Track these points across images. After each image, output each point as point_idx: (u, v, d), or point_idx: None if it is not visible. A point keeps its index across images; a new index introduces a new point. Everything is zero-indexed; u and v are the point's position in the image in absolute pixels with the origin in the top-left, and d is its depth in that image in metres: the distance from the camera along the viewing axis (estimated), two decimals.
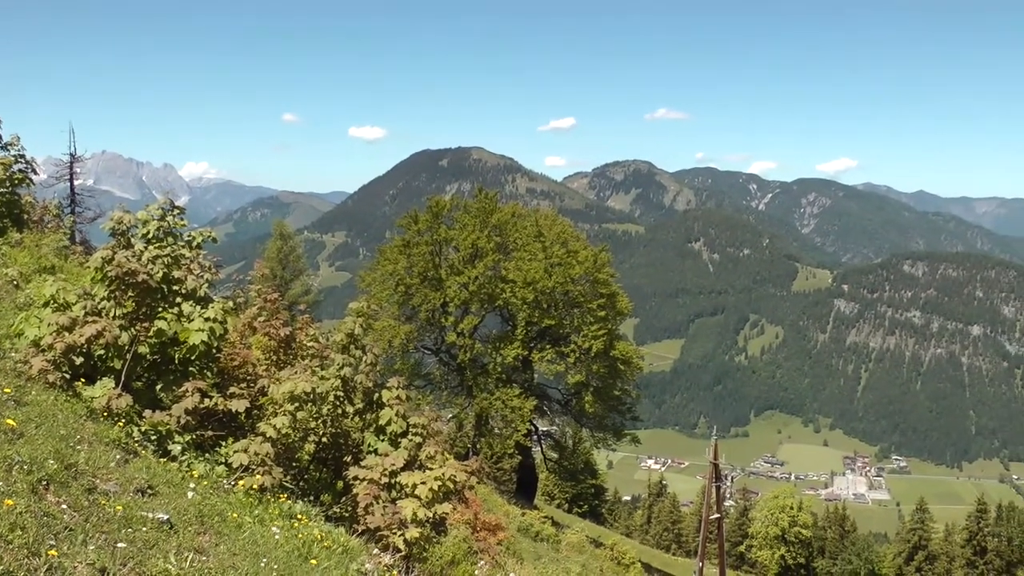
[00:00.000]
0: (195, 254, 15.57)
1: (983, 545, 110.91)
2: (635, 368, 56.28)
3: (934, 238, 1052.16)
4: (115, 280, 13.77)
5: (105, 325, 13.13)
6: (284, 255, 74.64)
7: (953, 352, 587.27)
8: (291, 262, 75.32)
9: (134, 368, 14.11)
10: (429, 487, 13.69)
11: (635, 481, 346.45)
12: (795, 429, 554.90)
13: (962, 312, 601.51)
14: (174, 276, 14.48)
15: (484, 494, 36.41)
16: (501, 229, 52.62)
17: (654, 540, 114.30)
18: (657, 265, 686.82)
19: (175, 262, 14.71)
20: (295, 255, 76.53)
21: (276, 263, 73.34)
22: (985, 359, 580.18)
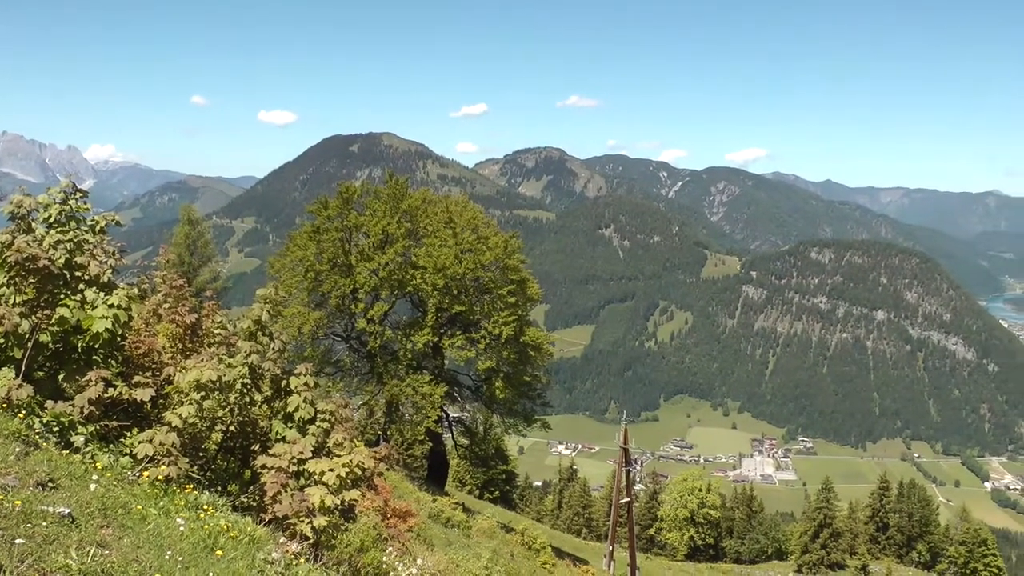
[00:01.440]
0: (99, 239, 15.25)
1: (885, 521, 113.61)
2: (545, 354, 56.43)
3: (840, 226, 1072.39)
4: (15, 266, 13.45)
5: (4, 313, 12.84)
6: (192, 241, 73.62)
7: (858, 336, 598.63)
8: (199, 248, 74.29)
9: (35, 357, 13.80)
10: (337, 474, 13.59)
11: (546, 466, 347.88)
12: (704, 413, 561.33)
13: (867, 298, 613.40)
14: (77, 262, 14.18)
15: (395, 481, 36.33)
16: (411, 215, 52.40)
17: (565, 525, 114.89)
18: (568, 252, 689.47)
19: (78, 247, 14.40)
20: (203, 241, 75.47)
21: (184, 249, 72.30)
22: (889, 343, 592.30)
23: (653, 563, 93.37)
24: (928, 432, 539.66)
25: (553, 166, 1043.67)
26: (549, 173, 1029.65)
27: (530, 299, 55.33)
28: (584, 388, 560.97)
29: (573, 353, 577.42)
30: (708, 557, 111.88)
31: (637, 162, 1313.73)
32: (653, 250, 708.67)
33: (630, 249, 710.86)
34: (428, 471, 63.91)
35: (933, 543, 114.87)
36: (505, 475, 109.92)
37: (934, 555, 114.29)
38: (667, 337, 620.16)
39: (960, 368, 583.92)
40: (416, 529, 24.15)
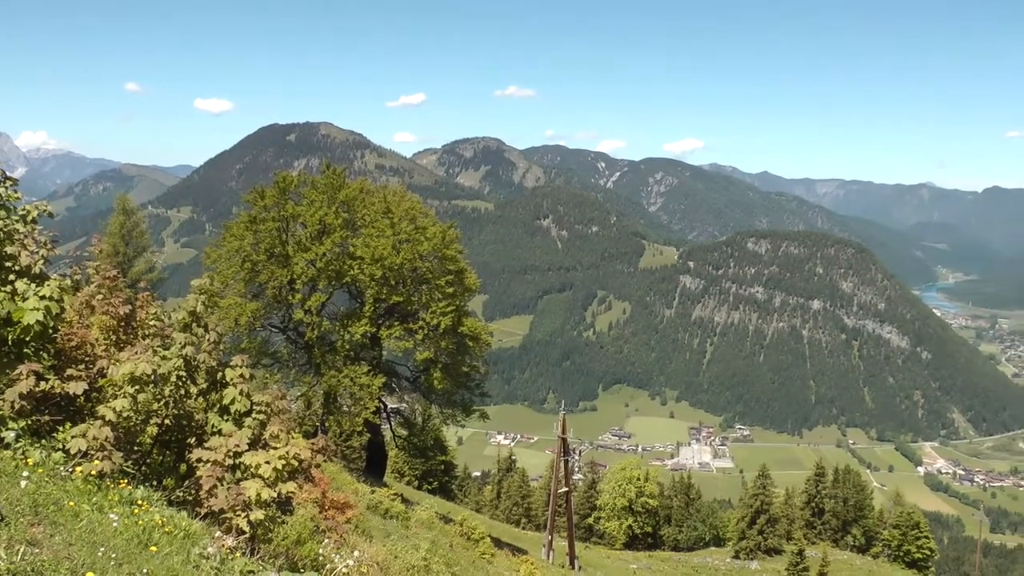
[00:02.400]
0: (30, 229, 14.99)
1: (821, 507, 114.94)
2: (483, 344, 56.35)
3: (777, 217, 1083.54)
4: None
5: None
6: (127, 231, 72.73)
7: (794, 326, 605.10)
8: (134, 238, 73.41)
9: None
10: (273, 466, 13.47)
11: (485, 457, 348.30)
12: (642, 402, 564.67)
13: (803, 288, 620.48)
14: (7, 252, 13.92)
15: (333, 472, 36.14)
16: (349, 205, 52.08)
17: (504, 515, 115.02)
18: (506, 242, 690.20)
19: (8, 237, 14.15)
20: (138, 231, 74.58)
21: (118, 239, 71.41)
22: (824, 332, 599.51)
23: (592, 552, 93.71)
24: (863, 419, 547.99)
25: (491, 156, 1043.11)
26: (487, 163, 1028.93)
27: (468, 289, 55.24)
28: (523, 378, 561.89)
29: (511, 343, 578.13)
30: (647, 545, 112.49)
31: (575, 152, 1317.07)
32: (591, 240, 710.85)
33: (568, 239, 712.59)
34: (367, 462, 63.68)
35: (868, 527, 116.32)
36: (444, 466, 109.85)
37: (869, 539, 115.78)
38: (605, 327, 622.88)
39: (894, 356, 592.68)
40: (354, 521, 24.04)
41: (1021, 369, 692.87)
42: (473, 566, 35.09)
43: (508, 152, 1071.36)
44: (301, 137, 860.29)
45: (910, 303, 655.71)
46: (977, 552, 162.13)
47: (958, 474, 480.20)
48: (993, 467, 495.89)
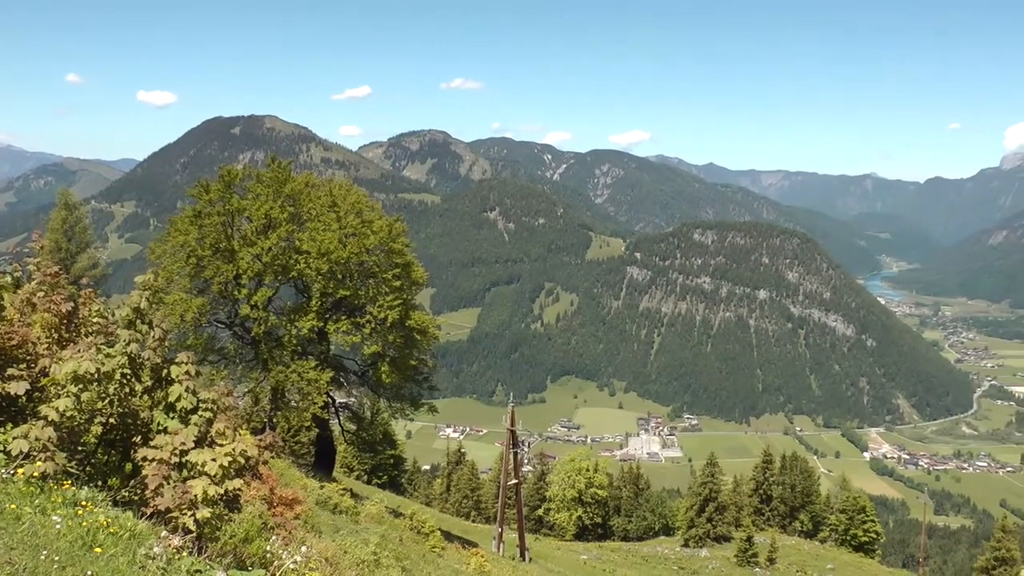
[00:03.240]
0: None
1: (769, 493, 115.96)
2: (431, 337, 56.18)
3: (723, 208, 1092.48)
4: None
5: None
6: (69, 226, 71.93)
7: (741, 315, 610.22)
8: (77, 234, 72.61)
9: None
10: (220, 464, 13.32)
11: (434, 450, 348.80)
12: (591, 393, 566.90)
13: (749, 277, 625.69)
14: None
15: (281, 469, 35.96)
16: (295, 199, 51.72)
17: (454, 508, 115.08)
18: (453, 235, 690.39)
19: None
20: (81, 226, 73.76)
21: (60, 235, 70.62)
22: (771, 321, 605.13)
23: (542, 543, 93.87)
24: (810, 406, 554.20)
25: (438, 149, 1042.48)
26: (434, 156, 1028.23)
27: (415, 283, 55.04)
28: (471, 371, 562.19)
29: (459, 336, 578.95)
30: (597, 536, 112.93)
31: (522, 145, 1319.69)
32: (538, 232, 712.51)
33: (515, 232, 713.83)
34: (315, 458, 63.40)
35: (815, 512, 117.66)
36: (393, 460, 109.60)
37: (816, 523, 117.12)
38: (553, 319, 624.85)
39: (840, 344, 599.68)
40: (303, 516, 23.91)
41: (964, 355, 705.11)
42: (423, 559, 35.01)
43: (454, 145, 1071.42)
44: (246, 130, 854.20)
45: (855, 292, 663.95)
46: (922, 534, 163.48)
47: (903, 458, 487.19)
48: (937, 451, 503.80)
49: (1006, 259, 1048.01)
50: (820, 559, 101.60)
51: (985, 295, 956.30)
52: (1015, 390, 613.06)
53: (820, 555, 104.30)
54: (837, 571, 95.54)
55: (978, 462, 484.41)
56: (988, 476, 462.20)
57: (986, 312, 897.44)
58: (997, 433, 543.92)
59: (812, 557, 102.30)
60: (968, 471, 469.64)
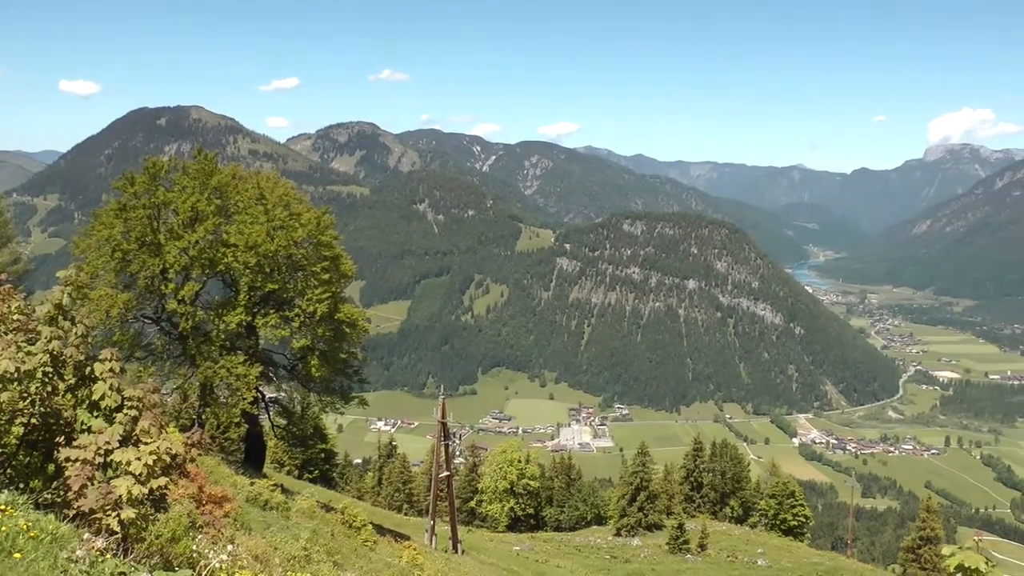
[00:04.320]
0: None
1: (700, 481, 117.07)
2: (361, 330, 55.82)
3: (652, 199, 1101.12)
4: None
5: None
6: None
7: (671, 305, 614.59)
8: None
9: None
10: (145, 462, 13.05)
11: (366, 444, 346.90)
12: (522, 385, 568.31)
13: (678, 268, 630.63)
14: None
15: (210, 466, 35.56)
16: (222, 192, 51.03)
17: (386, 501, 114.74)
18: (382, 227, 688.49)
19: None
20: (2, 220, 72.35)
21: None
22: (700, 310, 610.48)
23: (475, 535, 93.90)
24: (739, 394, 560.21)
25: (366, 141, 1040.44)
26: (362, 148, 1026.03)
27: (344, 275, 54.63)
28: (402, 364, 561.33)
29: (390, 329, 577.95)
30: (529, 527, 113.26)
31: (451, 136, 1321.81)
32: (468, 224, 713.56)
33: (445, 223, 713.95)
34: (245, 454, 62.77)
35: (745, 498, 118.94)
36: (324, 454, 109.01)
37: (746, 509, 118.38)
38: (483, 310, 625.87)
39: (768, 332, 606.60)
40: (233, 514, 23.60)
41: (890, 341, 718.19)
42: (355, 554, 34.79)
43: (383, 137, 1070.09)
44: (172, 121, 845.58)
45: (783, 281, 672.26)
46: (850, 516, 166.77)
47: (831, 443, 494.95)
48: (864, 435, 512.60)
49: (930, 248, 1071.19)
50: (750, 544, 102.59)
51: (910, 283, 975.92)
52: (939, 375, 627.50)
53: (750, 540, 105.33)
54: (767, 555, 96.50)
55: (904, 445, 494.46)
56: (913, 459, 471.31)
57: (911, 299, 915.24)
58: (922, 417, 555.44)
59: (743, 542, 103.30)
60: (894, 454, 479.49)
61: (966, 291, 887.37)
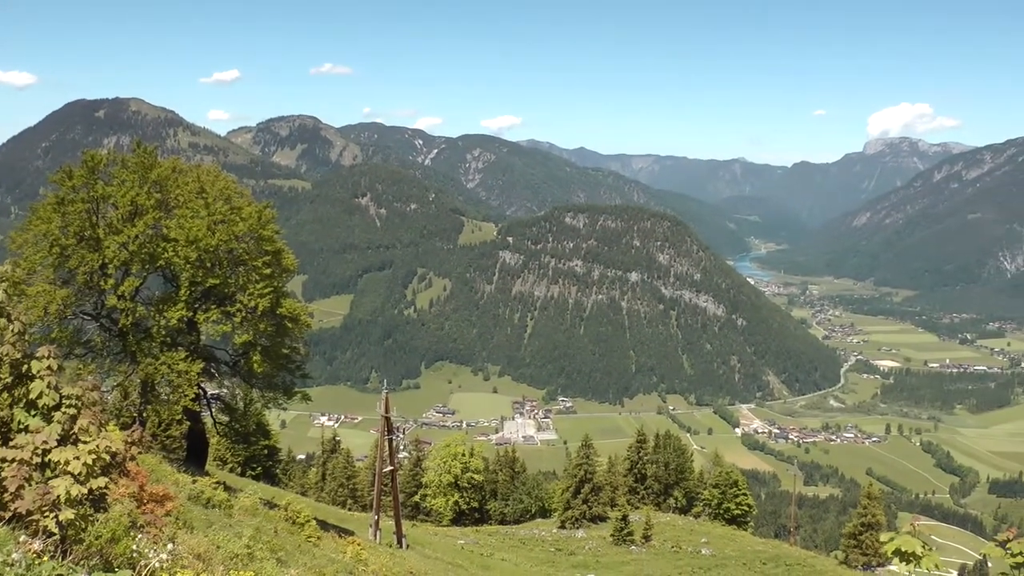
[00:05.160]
0: None
1: (643, 472, 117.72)
2: (303, 325, 55.40)
3: (594, 192, 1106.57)
4: None
5: None
6: None
7: (613, 297, 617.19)
8: None
9: None
10: (84, 462, 12.82)
11: (309, 439, 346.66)
12: (465, 378, 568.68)
13: (621, 260, 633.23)
14: None
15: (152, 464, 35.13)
16: (162, 185, 50.38)
17: (329, 497, 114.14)
18: (324, 221, 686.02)
19: None
20: None
21: None
22: (643, 303, 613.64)
23: (419, 530, 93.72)
24: (682, 385, 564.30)
25: (308, 134, 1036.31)
26: (304, 142, 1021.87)
27: (286, 270, 54.21)
28: (345, 358, 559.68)
29: (332, 323, 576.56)
30: (474, 520, 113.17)
31: (392, 130, 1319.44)
32: (410, 218, 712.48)
33: (387, 217, 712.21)
34: (187, 452, 62.14)
35: (689, 488, 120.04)
36: (267, 450, 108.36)
37: (690, 499, 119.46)
38: (426, 304, 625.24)
39: (711, 324, 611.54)
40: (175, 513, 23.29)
41: (831, 332, 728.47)
42: (299, 550, 34.56)
43: (325, 130, 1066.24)
44: (111, 114, 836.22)
45: (725, 273, 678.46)
46: (792, 504, 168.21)
47: (773, 433, 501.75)
48: (806, 424, 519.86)
49: (870, 239, 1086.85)
50: (694, 534, 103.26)
51: (851, 274, 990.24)
52: (880, 364, 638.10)
53: (694, 530, 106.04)
54: (711, 544, 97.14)
55: (845, 434, 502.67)
56: (855, 447, 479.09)
57: (852, 290, 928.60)
58: (863, 405, 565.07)
59: (687, 532, 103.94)
60: (836, 443, 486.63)
61: (905, 282, 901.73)
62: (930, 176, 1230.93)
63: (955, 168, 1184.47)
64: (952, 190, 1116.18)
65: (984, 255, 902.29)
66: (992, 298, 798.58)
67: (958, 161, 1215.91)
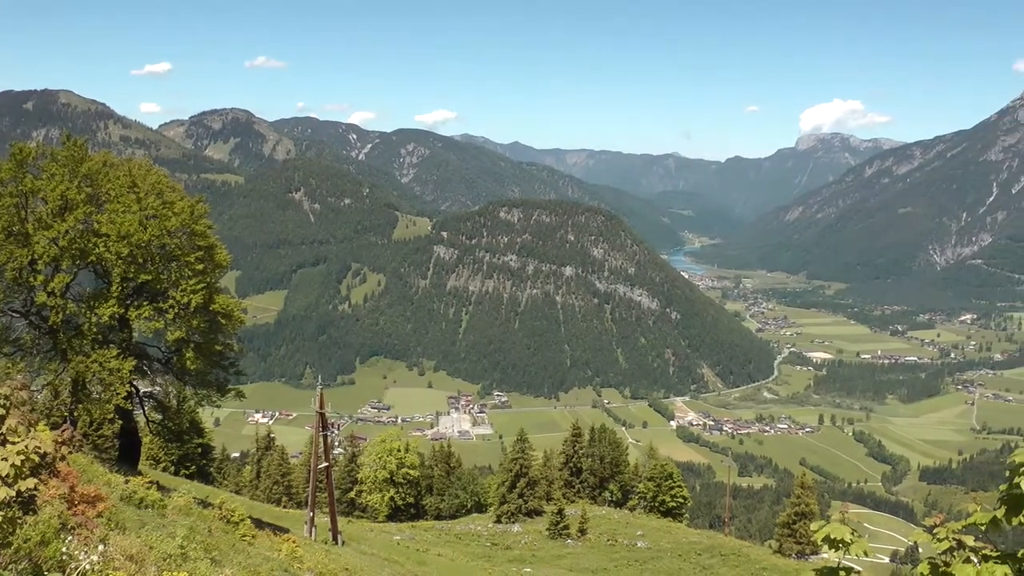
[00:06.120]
0: None
1: (579, 466, 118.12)
2: (237, 321, 54.86)
3: (529, 187, 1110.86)
4: None
5: None
6: None
7: (548, 292, 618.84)
8: None
9: None
10: (12, 463, 12.52)
11: (243, 436, 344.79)
12: (400, 374, 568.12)
13: (555, 255, 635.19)
14: None
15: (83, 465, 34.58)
16: (92, 179, 49.59)
17: (264, 495, 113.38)
18: (258, 216, 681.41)
19: None
20: None
21: None
22: (577, 297, 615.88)
23: (355, 526, 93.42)
24: (617, 379, 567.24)
25: (241, 128, 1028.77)
26: (237, 135, 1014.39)
27: (219, 265, 53.60)
28: (279, 354, 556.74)
29: (266, 319, 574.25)
30: (410, 516, 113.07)
31: (326, 124, 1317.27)
32: (344, 213, 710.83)
33: (321, 212, 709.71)
34: (120, 451, 61.30)
35: (624, 482, 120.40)
36: (201, 449, 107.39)
37: (625, 493, 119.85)
38: (361, 299, 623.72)
39: (645, 317, 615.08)
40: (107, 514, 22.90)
41: (764, 324, 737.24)
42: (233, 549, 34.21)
43: (258, 124, 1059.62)
44: (39, 106, 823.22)
45: (659, 267, 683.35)
46: (727, 495, 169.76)
47: (708, 425, 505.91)
48: (740, 416, 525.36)
49: (802, 234, 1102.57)
50: (630, 527, 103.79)
51: (783, 267, 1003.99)
52: (813, 356, 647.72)
53: (630, 523, 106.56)
54: (646, 537, 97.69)
55: (779, 425, 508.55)
56: (788, 437, 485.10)
57: (784, 283, 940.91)
58: (796, 396, 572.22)
59: (622, 525, 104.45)
60: (770, 434, 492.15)
61: (837, 275, 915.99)
62: (861, 171, 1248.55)
63: (886, 163, 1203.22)
64: (883, 185, 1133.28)
65: (914, 248, 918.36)
66: (922, 290, 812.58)
67: (889, 156, 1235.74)
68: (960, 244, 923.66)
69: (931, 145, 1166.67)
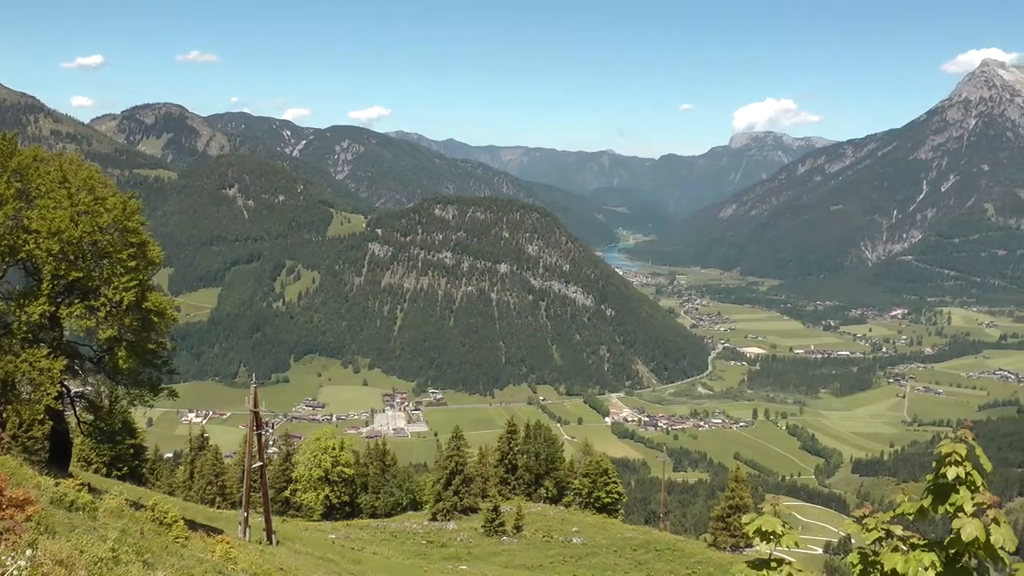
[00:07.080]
0: None
1: (514, 463, 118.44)
2: (169, 319, 54.06)
3: (463, 184, 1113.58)
4: None
5: None
6: None
7: (483, 289, 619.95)
8: None
9: None
10: None
11: (177, 436, 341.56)
12: (335, 371, 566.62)
13: (490, 252, 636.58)
14: None
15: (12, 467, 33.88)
16: (22, 174, 48.72)
17: (198, 495, 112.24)
18: (191, 212, 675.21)
19: None
20: None
21: None
22: (512, 294, 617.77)
23: (290, 525, 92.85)
24: (552, 375, 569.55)
25: (174, 123, 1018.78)
26: (169, 130, 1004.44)
27: (152, 263, 52.81)
28: (212, 353, 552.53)
29: (200, 317, 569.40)
30: (345, 515, 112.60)
31: (260, 120, 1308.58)
32: (278, 210, 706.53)
33: (255, 209, 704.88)
34: (50, 453, 60.29)
35: (559, 478, 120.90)
36: (134, 449, 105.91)
37: (561, 489, 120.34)
38: (295, 297, 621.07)
39: (580, 314, 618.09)
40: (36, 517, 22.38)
41: (698, 320, 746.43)
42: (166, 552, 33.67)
43: (191, 119, 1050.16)
44: None
45: (594, 263, 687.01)
46: (662, 491, 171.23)
47: (643, 421, 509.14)
48: (675, 411, 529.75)
49: (736, 231, 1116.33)
50: (565, 523, 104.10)
51: (717, 264, 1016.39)
52: (747, 351, 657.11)
53: (565, 519, 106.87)
54: (582, 533, 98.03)
55: (713, 419, 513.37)
56: (723, 432, 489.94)
57: (718, 280, 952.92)
58: (730, 391, 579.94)
59: (558, 522, 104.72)
60: (704, 428, 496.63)
61: (771, 271, 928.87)
62: (794, 169, 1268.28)
63: (818, 161, 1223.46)
64: (815, 183, 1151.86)
65: (846, 245, 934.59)
66: (854, 286, 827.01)
67: (821, 155, 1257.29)
68: (891, 241, 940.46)
69: (863, 144, 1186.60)
